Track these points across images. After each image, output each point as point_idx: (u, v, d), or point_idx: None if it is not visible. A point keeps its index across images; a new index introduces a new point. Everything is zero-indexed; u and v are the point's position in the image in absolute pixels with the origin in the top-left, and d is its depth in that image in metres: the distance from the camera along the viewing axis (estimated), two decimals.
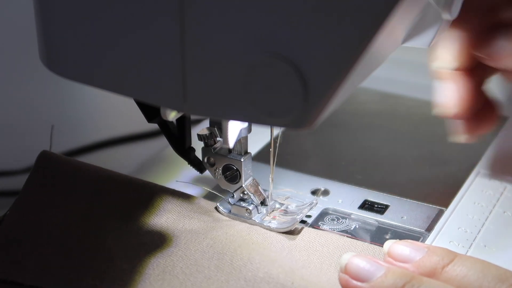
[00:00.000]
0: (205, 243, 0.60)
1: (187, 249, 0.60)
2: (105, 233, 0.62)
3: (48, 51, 0.56)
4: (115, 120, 1.02)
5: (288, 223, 0.64)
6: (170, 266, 0.59)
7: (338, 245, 0.62)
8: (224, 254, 0.59)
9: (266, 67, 0.49)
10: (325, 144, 0.80)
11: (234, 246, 0.60)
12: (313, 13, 0.47)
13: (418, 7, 0.56)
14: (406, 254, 0.57)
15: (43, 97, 1.00)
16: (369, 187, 0.72)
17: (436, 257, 0.56)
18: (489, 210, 0.68)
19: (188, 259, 0.59)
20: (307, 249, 0.62)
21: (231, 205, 0.66)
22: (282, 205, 0.68)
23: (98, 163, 0.68)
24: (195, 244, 0.60)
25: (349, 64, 0.47)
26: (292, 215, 0.66)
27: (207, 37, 0.50)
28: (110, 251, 0.61)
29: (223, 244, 0.60)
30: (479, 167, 0.75)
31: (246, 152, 0.66)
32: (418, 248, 0.57)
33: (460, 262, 0.56)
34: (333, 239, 0.63)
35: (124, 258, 0.60)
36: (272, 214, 0.66)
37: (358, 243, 0.62)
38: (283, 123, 0.50)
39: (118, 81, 0.54)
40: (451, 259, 0.56)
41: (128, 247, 0.61)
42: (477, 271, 0.55)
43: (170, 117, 0.62)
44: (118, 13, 0.52)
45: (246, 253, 0.59)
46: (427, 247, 0.57)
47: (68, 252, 0.61)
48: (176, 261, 0.59)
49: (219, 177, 0.66)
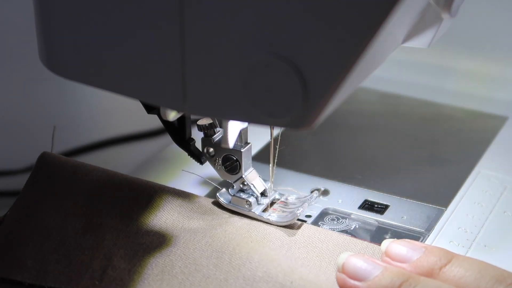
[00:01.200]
0: (204, 241, 0.60)
1: (186, 248, 0.60)
2: (103, 233, 0.62)
3: (48, 51, 0.56)
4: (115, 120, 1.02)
5: (288, 217, 0.64)
6: (169, 266, 0.59)
7: (338, 242, 0.62)
8: (223, 253, 0.59)
9: (266, 67, 0.49)
10: (325, 144, 0.80)
11: (233, 245, 0.60)
12: (313, 13, 0.47)
13: (418, 7, 0.56)
14: (404, 254, 0.57)
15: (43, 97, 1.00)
16: (369, 187, 0.72)
17: (433, 257, 0.56)
18: (489, 210, 0.68)
19: (187, 258, 0.59)
20: (306, 246, 0.62)
21: (231, 196, 0.66)
22: (283, 195, 0.68)
23: (98, 163, 0.68)
24: (193, 242, 0.60)
25: (349, 64, 0.47)
26: (292, 207, 0.66)
27: (207, 37, 0.50)
28: (109, 251, 0.61)
29: (222, 242, 0.60)
30: (479, 167, 0.75)
31: (246, 143, 0.66)
32: (416, 247, 0.57)
33: (457, 262, 0.56)
34: (332, 236, 0.63)
35: (123, 258, 0.60)
36: (272, 206, 0.66)
37: (358, 241, 0.62)
38: (283, 123, 0.50)
39: (118, 81, 0.54)
40: (448, 260, 0.56)
41: (127, 246, 0.61)
42: (475, 271, 0.55)
43: (170, 117, 0.62)
44: (118, 13, 0.52)
45: (245, 252, 0.59)
46: (424, 247, 0.57)
47: (67, 252, 0.61)
48: (175, 261, 0.59)
49: (219, 167, 0.66)
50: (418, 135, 0.82)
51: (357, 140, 0.81)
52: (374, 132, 0.83)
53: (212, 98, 0.51)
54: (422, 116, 0.86)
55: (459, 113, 0.86)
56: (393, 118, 0.86)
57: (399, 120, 0.86)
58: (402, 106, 0.88)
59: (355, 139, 0.82)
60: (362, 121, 0.85)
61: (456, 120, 0.85)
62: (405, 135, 0.82)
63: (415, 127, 0.84)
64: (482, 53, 0.91)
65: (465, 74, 0.91)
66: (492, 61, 0.90)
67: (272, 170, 0.67)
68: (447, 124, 0.84)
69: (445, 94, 0.89)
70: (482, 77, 0.90)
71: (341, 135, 0.82)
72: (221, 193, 0.67)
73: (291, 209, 0.66)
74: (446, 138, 0.81)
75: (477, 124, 0.84)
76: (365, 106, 0.88)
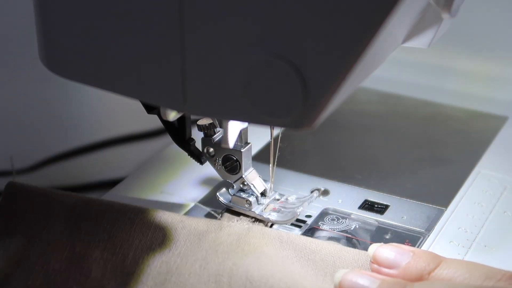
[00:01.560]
0: (197, 265, 0.58)
1: (180, 274, 0.58)
2: (89, 264, 0.59)
3: (48, 51, 0.56)
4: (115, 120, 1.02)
5: (287, 216, 0.64)
6: None
7: (330, 251, 0.60)
8: (221, 276, 0.57)
9: (266, 67, 0.49)
10: (325, 144, 0.80)
11: (229, 265, 0.58)
12: (313, 13, 0.47)
13: (418, 7, 0.56)
14: (392, 259, 0.57)
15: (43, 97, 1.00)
16: (369, 187, 0.72)
17: (422, 262, 0.56)
18: (489, 210, 0.68)
19: (184, 285, 0.57)
20: (300, 259, 0.60)
21: (231, 196, 0.66)
22: (283, 196, 0.68)
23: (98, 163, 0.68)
24: (187, 267, 0.58)
25: (349, 64, 0.47)
26: (292, 207, 0.66)
27: (207, 37, 0.50)
28: (98, 283, 0.58)
29: (216, 264, 0.58)
30: (479, 167, 0.75)
31: (246, 143, 0.66)
32: (403, 252, 0.57)
33: (446, 265, 0.56)
34: (324, 246, 0.61)
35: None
36: (272, 205, 0.66)
37: (350, 249, 0.61)
38: (283, 123, 0.50)
39: (118, 81, 0.54)
40: (437, 264, 0.56)
41: (117, 277, 0.59)
42: (463, 271, 0.55)
43: (170, 117, 0.62)
44: (118, 13, 0.52)
45: (243, 270, 0.57)
46: (412, 251, 0.57)
47: (54, 286, 0.59)
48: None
49: (219, 167, 0.66)
50: (418, 135, 0.82)
51: (357, 140, 0.81)
52: (374, 132, 0.83)
53: (212, 98, 0.51)
54: (422, 116, 0.86)
55: (459, 113, 0.86)
56: (393, 118, 0.86)
57: (399, 120, 0.86)
58: (402, 106, 0.88)
59: (355, 139, 0.82)
60: (362, 121, 0.85)
61: (456, 120, 0.85)
62: (405, 135, 0.82)
63: (415, 127, 0.84)
64: (482, 53, 0.91)
65: (465, 74, 0.91)
66: (492, 61, 0.90)
67: (272, 170, 0.67)
68: (447, 124, 0.84)
69: (445, 94, 0.89)
70: (482, 77, 0.90)
71: (341, 135, 0.82)
72: (221, 192, 0.67)
73: (291, 208, 0.66)
74: (446, 138, 0.81)
75: (477, 124, 0.84)
76: (365, 106, 0.88)
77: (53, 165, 0.91)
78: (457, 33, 0.83)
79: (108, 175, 0.89)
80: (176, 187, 0.72)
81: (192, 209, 0.69)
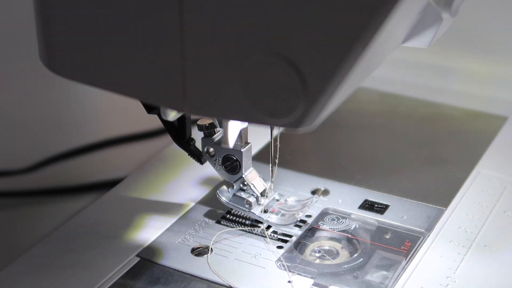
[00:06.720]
0: None
1: None
2: None
3: (48, 51, 0.56)
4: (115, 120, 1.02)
5: (288, 220, 0.64)
6: None
7: None
8: None
9: (266, 67, 0.49)
10: (325, 144, 0.80)
11: None
12: (313, 13, 0.47)
13: (418, 7, 0.56)
14: None
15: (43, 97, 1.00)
16: (369, 187, 0.72)
17: None
18: (489, 210, 0.68)
19: None
20: None
21: (231, 196, 0.66)
22: (282, 196, 0.68)
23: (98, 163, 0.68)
24: None
25: (349, 64, 0.47)
26: (292, 209, 0.66)
27: (207, 37, 0.50)
28: None
29: None
30: (479, 167, 0.75)
31: (246, 143, 0.66)
32: None
33: None
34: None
35: None
36: (272, 207, 0.66)
37: None
38: (283, 123, 0.50)
39: (118, 81, 0.54)
40: None
41: None
42: None
43: (170, 117, 0.62)
44: (118, 13, 0.52)
45: None
46: None
47: None
48: None
49: (219, 167, 0.66)
50: (418, 135, 0.82)
51: (357, 140, 0.81)
52: (374, 132, 0.83)
53: (212, 98, 0.51)
54: (422, 116, 0.86)
55: (459, 113, 0.86)
56: (393, 118, 0.86)
57: (399, 120, 0.86)
58: (402, 106, 0.88)
59: (355, 139, 0.82)
60: (362, 121, 0.85)
61: (456, 120, 0.85)
62: (405, 135, 0.82)
63: (415, 127, 0.84)
64: (482, 53, 0.91)
65: (465, 74, 0.91)
66: (492, 61, 0.90)
67: (272, 170, 0.67)
68: (447, 124, 0.84)
69: (445, 94, 0.89)
70: (482, 77, 0.90)
71: (341, 135, 0.82)
72: (222, 191, 0.67)
73: (291, 212, 0.66)
74: (446, 138, 0.81)
75: (477, 124, 0.84)
76: (365, 106, 0.88)
77: (53, 165, 0.91)
78: (457, 33, 0.83)
79: (108, 175, 0.89)
80: (176, 187, 0.72)
81: (192, 209, 0.69)
